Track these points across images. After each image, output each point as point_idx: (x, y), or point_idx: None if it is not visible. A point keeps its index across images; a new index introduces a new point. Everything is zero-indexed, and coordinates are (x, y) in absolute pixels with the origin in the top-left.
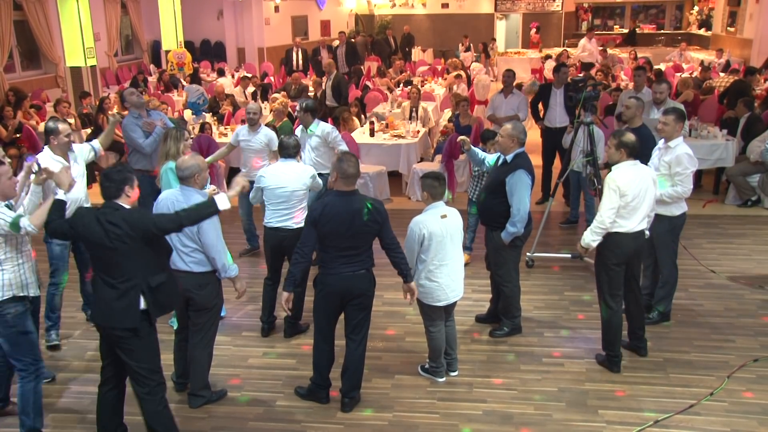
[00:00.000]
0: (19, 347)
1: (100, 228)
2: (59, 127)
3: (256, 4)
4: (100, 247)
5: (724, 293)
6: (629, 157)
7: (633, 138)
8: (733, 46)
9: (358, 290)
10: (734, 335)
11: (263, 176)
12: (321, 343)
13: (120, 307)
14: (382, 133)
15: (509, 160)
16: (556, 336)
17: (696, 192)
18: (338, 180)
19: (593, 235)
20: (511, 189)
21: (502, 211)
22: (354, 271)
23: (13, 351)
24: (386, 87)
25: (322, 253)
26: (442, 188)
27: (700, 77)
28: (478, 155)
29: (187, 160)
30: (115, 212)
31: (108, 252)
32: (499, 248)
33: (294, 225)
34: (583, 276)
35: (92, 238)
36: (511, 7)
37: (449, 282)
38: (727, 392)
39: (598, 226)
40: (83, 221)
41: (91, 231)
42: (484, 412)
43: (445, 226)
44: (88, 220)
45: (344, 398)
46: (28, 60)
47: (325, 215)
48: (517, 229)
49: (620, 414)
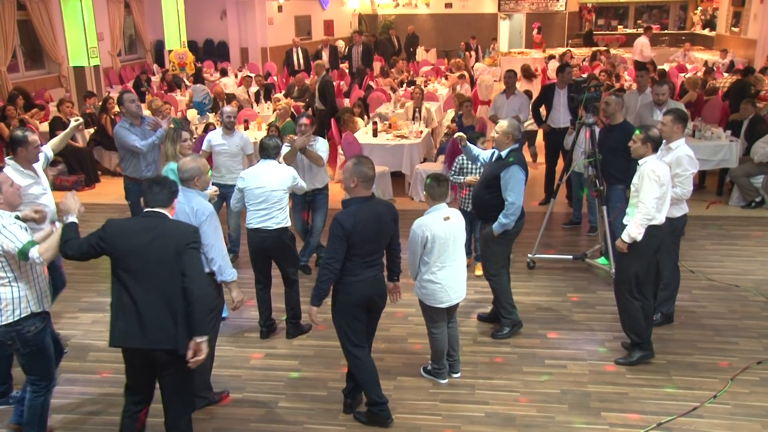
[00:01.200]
0: (36, 365)
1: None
2: (29, 137)
3: (259, 4)
4: (149, 259)
5: (728, 295)
6: (654, 152)
7: (658, 133)
8: (738, 46)
9: (381, 292)
10: (738, 337)
11: (242, 177)
12: (364, 359)
13: (171, 325)
14: (385, 134)
15: (504, 156)
16: (559, 338)
17: (700, 193)
18: (359, 185)
19: (639, 228)
20: (505, 183)
21: (495, 205)
22: (376, 274)
23: (30, 368)
24: (389, 87)
25: (346, 262)
26: (441, 189)
27: (704, 78)
28: (473, 151)
29: (188, 162)
30: (165, 221)
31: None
32: (489, 241)
33: (274, 225)
34: (585, 277)
35: (140, 251)
36: (515, 7)
37: (451, 283)
38: (731, 395)
39: (644, 217)
40: (124, 231)
41: (137, 243)
42: (486, 414)
43: (448, 227)
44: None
45: (347, 399)
46: (32, 60)
47: (357, 223)
48: (508, 221)
49: (623, 416)
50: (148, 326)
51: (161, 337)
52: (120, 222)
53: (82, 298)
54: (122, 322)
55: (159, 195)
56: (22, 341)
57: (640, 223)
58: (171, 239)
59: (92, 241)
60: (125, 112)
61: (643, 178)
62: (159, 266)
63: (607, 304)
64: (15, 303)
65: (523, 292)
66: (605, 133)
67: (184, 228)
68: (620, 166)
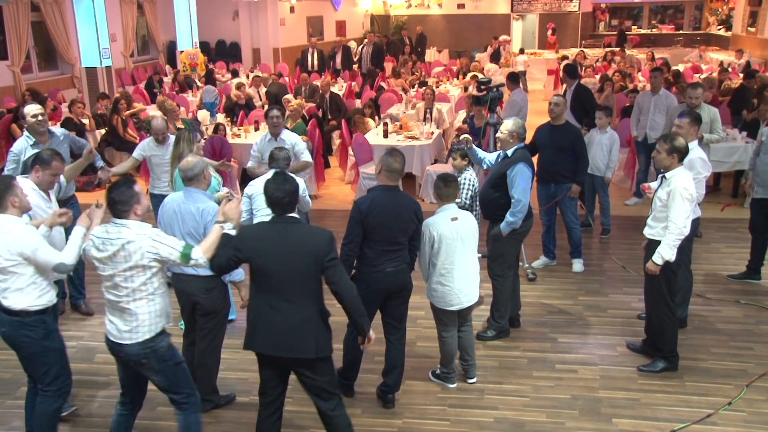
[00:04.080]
0: (177, 379)
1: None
2: (53, 162)
3: (271, 4)
4: (285, 265)
5: (743, 299)
6: (680, 163)
7: (684, 143)
8: (754, 46)
9: (403, 283)
10: (753, 342)
11: (252, 184)
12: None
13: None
14: (395, 135)
15: (510, 155)
16: (570, 342)
17: (714, 195)
18: (382, 173)
19: (672, 249)
20: (511, 181)
21: (502, 204)
22: (397, 266)
23: (172, 385)
24: (401, 88)
25: (366, 250)
26: (450, 190)
27: (718, 78)
28: (478, 154)
29: (191, 161)
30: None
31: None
32: (496, 240)
33: None
34: (597, 280)
35: (278, 257)
36: (528, 8)
37: (461, 286)
38: (746, 402)
39: (677, 237)
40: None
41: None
42: (495, 420)
43: (455, 228)
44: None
45: (388, 395)
46: (45, 61)
47: (374, 208)
48: (516, 219)
49: (635, 423)
50: (288, 334)
51: (300, 345)
52: (253, 230)
53: (90, 300)
54: (262, 328)
55: (284, 200)
56: (157, 357)
57: (673, 243)
58: (307, 246)
59: (229, 254)
60: (26, 127)
61: (674, 196)
62: (296, 274)
63: (619, 307)
64: (152, 318)
65: (534, 295)
66: (549, 132)
67: (321, 235)
68: (568, 166)
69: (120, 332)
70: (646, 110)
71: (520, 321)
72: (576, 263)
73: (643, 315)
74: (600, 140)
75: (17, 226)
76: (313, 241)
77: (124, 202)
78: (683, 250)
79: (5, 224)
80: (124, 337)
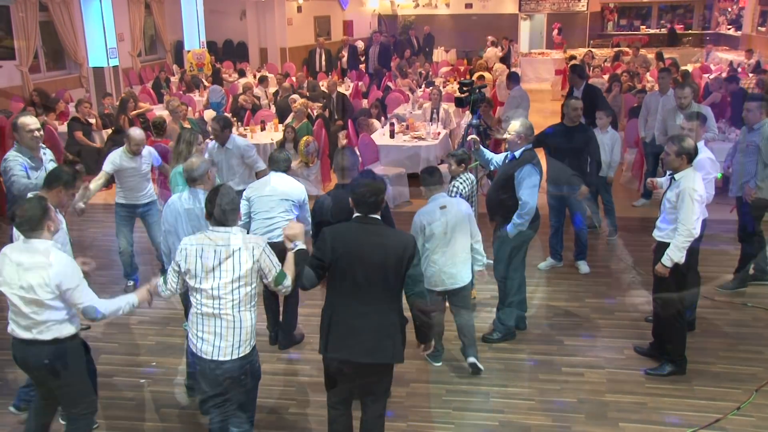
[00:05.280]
0: (253, 398)
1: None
2: (78, 183)
3: (278, 4)
4: (369, 267)
5: (751, 302)
6: (689, 164)
7: (692, 144)
8: (764, 46)
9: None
10: (762, 346)
11: (251, 186)
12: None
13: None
14: (402, 135)
15: (517, 156)
16: (576, 344)
17: (724, 196)
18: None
19: (682, 251)
20: (519, 182)
21: (509, 206)
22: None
23: (249, 403)
24: (408, 88)
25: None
26: (434, 179)
27: None
28: (485, 155)
29: (196, 162)
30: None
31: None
32: (503, 242)
33: (276, 238)
34: (605, 282)
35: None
36: (536, 7)
37: (447, 268)
38: (755, 407)
39: (686, 239)
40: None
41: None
42: (500, 423)
43: (444, 216)
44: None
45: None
46: (53, 60)
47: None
48: (522, 221)
49: (642, 427)
50: (365, 339)
51: (378, 350)
52: (339, 230)
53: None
54: (337, 333)
55: (370, 199)
56: (252, 373)
57: (682, 245)
58: (392, 248)
59: (314, 264)
60: (19, 141)
61: (683, 197)
62: (379, 277)
63: (626, 310)
64: (251, 331)
65: (540, 297)
66: (563, 134)
67: (405, 237)
68: (581, 167)
69: (218, 348)
70: (654, 111)
71: (526, 323)
72: (582, 265)
73: (651, 318)
74: (601, 140)
75: (61, 258)
76: (398, 242)
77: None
78: (692, 252)
79: (48, 255)
80: (225, 353)
